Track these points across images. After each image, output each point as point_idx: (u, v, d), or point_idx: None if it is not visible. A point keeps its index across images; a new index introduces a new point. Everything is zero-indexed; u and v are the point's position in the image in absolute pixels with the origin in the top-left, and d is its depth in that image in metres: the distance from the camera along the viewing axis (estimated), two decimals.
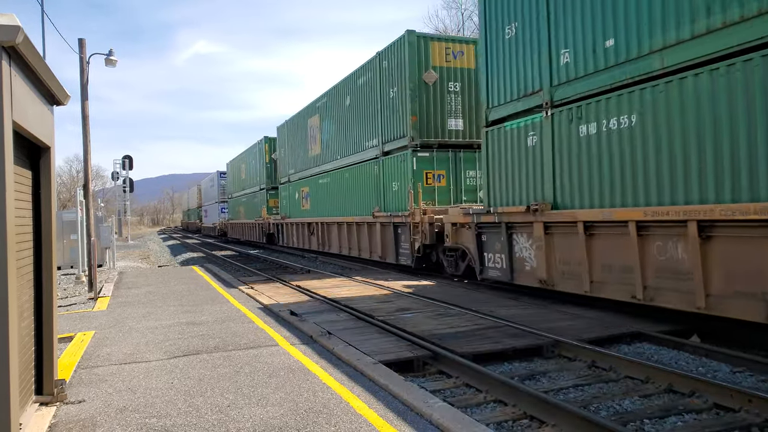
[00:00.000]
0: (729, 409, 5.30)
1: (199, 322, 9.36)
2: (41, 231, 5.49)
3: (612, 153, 8.79)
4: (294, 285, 14.16)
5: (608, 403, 5.61)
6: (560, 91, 9.94)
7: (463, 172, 16.66)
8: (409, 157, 16.13)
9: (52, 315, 5.53)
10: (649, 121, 8.14)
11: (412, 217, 15.16)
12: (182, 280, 15.86)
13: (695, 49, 7.46)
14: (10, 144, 4.07)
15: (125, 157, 31.52)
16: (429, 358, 7.06)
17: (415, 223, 15.07)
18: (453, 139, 16.45)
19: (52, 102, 5.76)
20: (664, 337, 7.65)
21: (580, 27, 9.43)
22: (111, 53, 16.82)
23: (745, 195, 6.88)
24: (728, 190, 7.08)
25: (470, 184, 16.73)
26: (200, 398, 5.53)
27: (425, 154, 16.12)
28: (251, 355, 7.08)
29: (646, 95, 8.17)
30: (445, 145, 16.41)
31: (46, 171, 5.56)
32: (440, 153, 16.33)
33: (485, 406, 5.69)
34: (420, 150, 16.07)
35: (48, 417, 5.10)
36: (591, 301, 9.79)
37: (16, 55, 4.27)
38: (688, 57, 7.55)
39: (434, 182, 16.24)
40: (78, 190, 18.13)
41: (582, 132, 9.39)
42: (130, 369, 6.67)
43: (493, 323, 8.59)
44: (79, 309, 11.42)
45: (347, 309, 10.28)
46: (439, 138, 16.28)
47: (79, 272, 17.37)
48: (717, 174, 7.22)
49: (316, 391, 5.62)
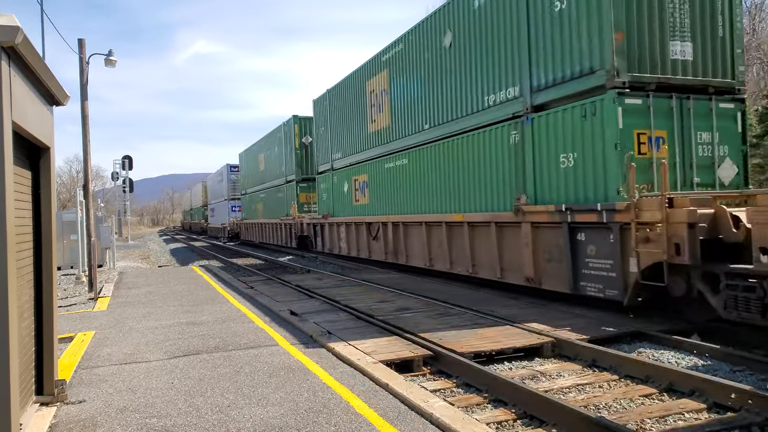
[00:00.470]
0: (729, 408, 5.30)
1: (200, 322, 9.36)
2: (41, 231, 5.49)
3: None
4: (294, 285, 14.15)
5: (608, 402, 5.61)
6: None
7: (694, 134, 9.66)
8: (610, 106, 9.08)
9: (53, 315, 5.53)
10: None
11: (635, 211, 8.41)
12: (182, 280, 15.86)
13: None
14: (9, 144, 4.07)
15: (125, 157, 31.55)
16: (429, 358, 7.06)
17: (641, 222, 8.44)
18: (679, 76, 9.56)
19: (52, 102, 5.76)
20: (664, 337, 7.65)
21: None
22: (111, 53, 16.83)
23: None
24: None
25: (704, 155, 9.77)
26: (200, 398, 5.53)
27: (637, 101, 9.21)
28: (251, 355, 7.09)
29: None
30: (667, 86, 9.47)
31: (45, 171, 5.57)
32: (660, 100, 9.40)
33: (485, 405, 5.69)
34: (630, 94, 9.15)
35: (48, 417, 5.10)
36: (590, 302, 9.79)
37: (15, 56, 4.27)
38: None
39: (650, 150, 9.30)
40: (78, 191, 18.13)
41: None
42: (131, 369, 6.67)
43: (494, 322, 8.59)
44: (79, 309, 11.42)
45: (347, 309, 10.28)
46: (658, 73, 9.41)
47: (79, 272, 17.37)
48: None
49: (316, 390, 5.62)
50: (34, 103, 4.96)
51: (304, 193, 27.68)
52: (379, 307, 10.36)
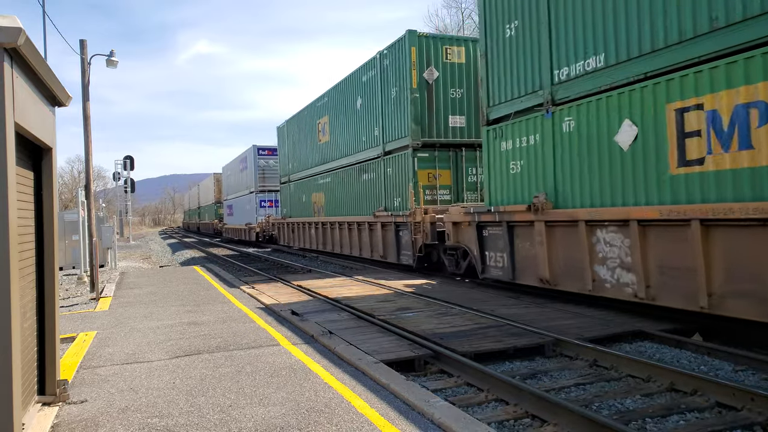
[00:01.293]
0: (731, 408, 5.30)
1: (201, 322, 9.38)
2: (43, 232, 5.50)
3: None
4: (295, 285, 14.16)
5: (610, 402, 5.61)
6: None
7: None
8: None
9: (55, 315, 5.54)
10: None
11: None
12: (184, 281, 15.88)
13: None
14: (12, 145, 4.08)
15: (126, 157, 31.62)
16: (430, 358, 7.07)
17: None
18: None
19: (54, 103, 5.77)
20: (666, 336, 7.65)
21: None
22: (112, 54, 16.85)
23: None
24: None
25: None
26: (202, 398, 5.54)
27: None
28: (253, 355, 7.09)
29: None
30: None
31: (47, 172, 5.58)
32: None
33: (487, 405, 5.70)
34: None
35: (50, 417, 5.11)
36: (592, 300, 9.79)
37: (17, 57, 4.28)
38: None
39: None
40: (79, 191, 18.14)
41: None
42: (132, 369, 6.69)
43: (494, 322, 8.59)
44: (81, 309, 11.43)
45: (348, 308, 10.29)
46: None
47: (81, 273, 17.38)
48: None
49: (318, 390, 5.63)
50: (36, 104, 4.98)
51: (428, 170, 16.11)
52: (380, 306, 10.36)
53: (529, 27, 10.79)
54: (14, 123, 4.15)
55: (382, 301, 11.08)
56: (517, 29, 11.13)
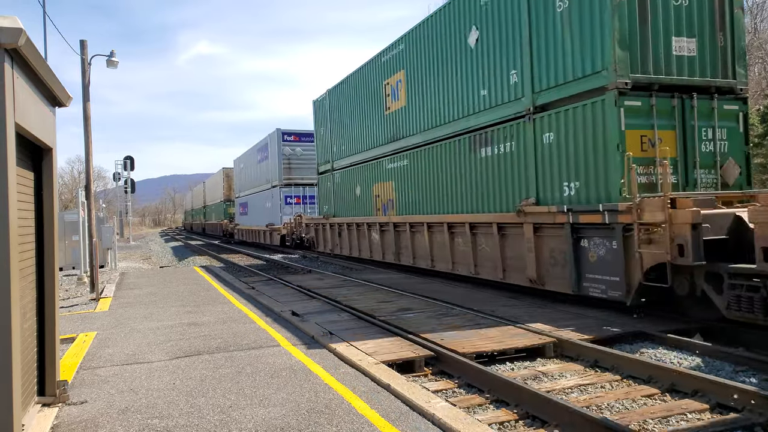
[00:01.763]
0: (732, 409, 5.29)
1: (201, 323, 9.37)
2: (43, 232, 5.50)
3: None
4: (295, 285, 14.15)
5: (611, 402, 5.60)
6: None
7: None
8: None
9: (55, 316, 5.54)
10: None
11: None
12: (184, 281, 15.87)
13: None
14: (12, 146, 4.08)
15: (127, 157, 31.67)
16: (431, 358, 7.06)
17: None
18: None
19: (54, 103, 5.77)
20: (667, 337, 7.63)
21: None
22: (112, 54, 16.86)
23: None
24: None
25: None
26: (202, 399, 5.53)
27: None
28: (253, 356, 7.09)
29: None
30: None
31: (47, 172, 5.58)
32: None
33: (487, 406, 5.69)
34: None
35: (50, 418, 5.11)
36: (592, 302, 9.78)
37: (18, 57, 4.28)
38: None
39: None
40: (80, 191, 18.15)
41: None
42: (132, 370, 6.68)
43: (495, 323, 8.58)
44: (81, 310, 11.43)
45: (348, 309, 10.28)
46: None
47: (81, 273, 17.38)
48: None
49: (318, 391, 5.62)
50: (36, 105, 4.97)
51: (638, 131, 9.39)
52: (380, 307, 10.35)
53: None
54: (15, 123, 4.15)
55: (383, 301, 11.07)
56: None
